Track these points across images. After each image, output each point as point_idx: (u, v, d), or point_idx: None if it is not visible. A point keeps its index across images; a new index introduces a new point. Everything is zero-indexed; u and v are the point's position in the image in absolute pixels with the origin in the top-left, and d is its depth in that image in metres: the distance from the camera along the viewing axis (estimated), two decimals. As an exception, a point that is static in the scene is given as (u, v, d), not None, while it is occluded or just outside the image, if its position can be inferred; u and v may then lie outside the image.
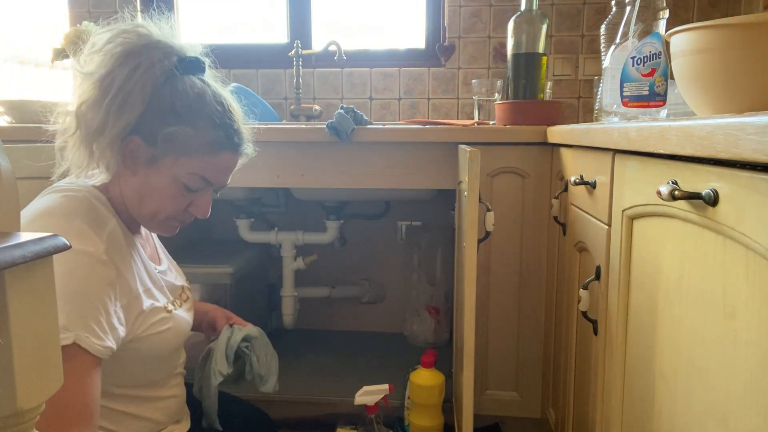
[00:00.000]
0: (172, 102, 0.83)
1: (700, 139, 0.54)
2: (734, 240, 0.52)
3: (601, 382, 0.93)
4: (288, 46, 1.95)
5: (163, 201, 0.86)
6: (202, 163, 0.86)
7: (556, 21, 1.88)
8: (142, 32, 0.85)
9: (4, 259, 0.39)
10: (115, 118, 0.81)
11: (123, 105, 0.81)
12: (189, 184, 0.86)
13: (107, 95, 0.81)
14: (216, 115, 0.85)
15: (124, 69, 0.82)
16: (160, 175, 0.85)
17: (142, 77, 0.81)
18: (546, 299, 1.42)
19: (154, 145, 0.83)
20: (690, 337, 0.62)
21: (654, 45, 0.98)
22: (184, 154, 0.84)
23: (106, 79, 0.82)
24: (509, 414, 1.48)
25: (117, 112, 0.81)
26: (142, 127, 0.83)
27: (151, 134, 0.83)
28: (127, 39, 0.84)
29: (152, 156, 0.84)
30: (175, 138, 0.83)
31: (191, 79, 0.86)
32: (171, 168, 0.84)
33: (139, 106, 0.81)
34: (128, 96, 0.81)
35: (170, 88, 0.83)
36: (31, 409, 0.43)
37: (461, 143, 1.32)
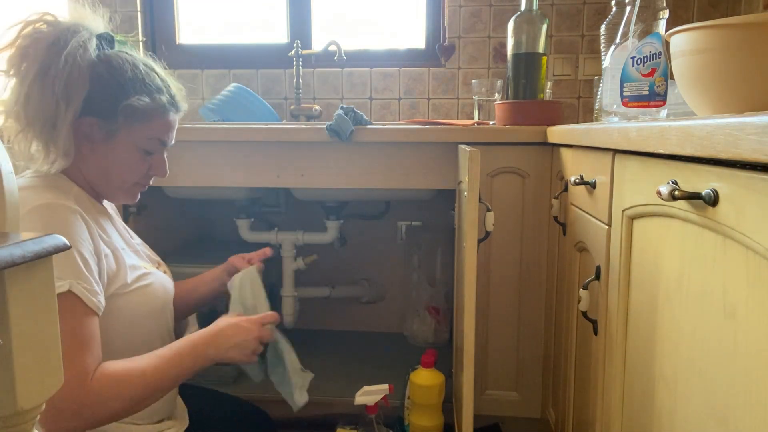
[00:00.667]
0: (114, 77, 0.87)
1: (700, 139, 0.54)
2: (734, 240, 0.52)
3: (601, 382, 0.93)
4: (288, 46, 1.95)
5: (127, 170, 0.92)
6: (156, 126, 0.92)
7: (556, 21, 1.88)
8: (51, 20, 0.87)
9: (4, 259, 0.39)
10: (65, 104, 0.84)
11: (68, 90, 0.84)
12: (148, 148, 0.93)
13: (47, 85, 0.83)
14: (156, 80, 0.92)
15: (55, 56, 0.83)
16: (120, 146, 0.90)
17: (77, 59, 0.84)
18: (546, 299, 1.42)
19: (112, 120, 0.87)
20: (690, 337, 0.62)
21: (654, 45, 0.98)
22: (140, 121, 0.90)
23: (40, 71, 0.83)
24: (509, 414, 1.48)
25: (64, 98, 0.83)
26: (91, 107, 0.86)
27: (106, 110, 0.87)
28: (39, 29, 0.85)
29: (109, 132, 0.88)
30: (132, 108, 0.88)
31: (118, 53, 0.90)
32: (128, 138, 0.90)
33: (83, 88, 0.85)
34: (69, 80, 0.83)
35: (106, 65, 0.87)
36: (32, 408, 0.43)
37: (461, 143, 1.32)
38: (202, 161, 1.47)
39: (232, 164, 1.47)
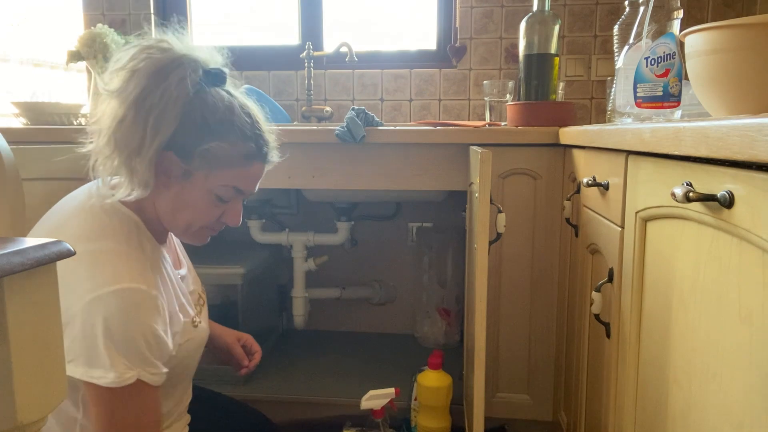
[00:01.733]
0: (204, 116, 0.83)
1: (715, 140, 0.53)
2: (750, 242, 0.52)
3: (614, 386, 0.93)
4: (299, 48, 1.96)
5: (197, 213, 0.88)
6: (235, 174, 0.87)
7: (569, 21, 1.87)
8: (165, 47, 0.84)
9: (2, 267, 0.37)
10: (152, 136, 0.81)
11: (159, 122, 0.81)
12: (222, 196, 0.88)
13: (141, 113, 0.81)
14: (246, 127, 0.87)
15: (155, 86, 0.81)
16: (194, 188, 0.86)
17: (174, 93, 0.81)
18: (558, 301, 1.41)
19: (188, 161, 0.84)
20: (704, 341, 0.62)
21: (668, 45, 0.97)
22: (217, 167, 0.85)
23: (139, 98, 0.81)
24: (520, 417, 1.47)
25: (153, 129, 0.81)
26: (175, 143, 0.83)
27: (185, 150, 0.84)
28: (151, 55, 0.83)
29: (186, 171, 0.85)
30: (210, 153, 0.84)
31: (218, 91, 0.87)
32: (205, 181, 0.85)
33: (173, 122, 0.82)
34: (163, 113, 0.81)
35: (200, 101, 0.84)
36: (32, 423, 0.41)
37: (472, 144, 1.32)
38: (214, 162, 1.48)
39: (243, 165, 1.47)
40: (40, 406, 0.42)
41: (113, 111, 0.83)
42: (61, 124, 1.59)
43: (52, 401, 0.44)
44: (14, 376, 0.40)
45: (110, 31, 1.77)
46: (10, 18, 1.87)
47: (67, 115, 1.60)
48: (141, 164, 0.82)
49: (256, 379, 1.68)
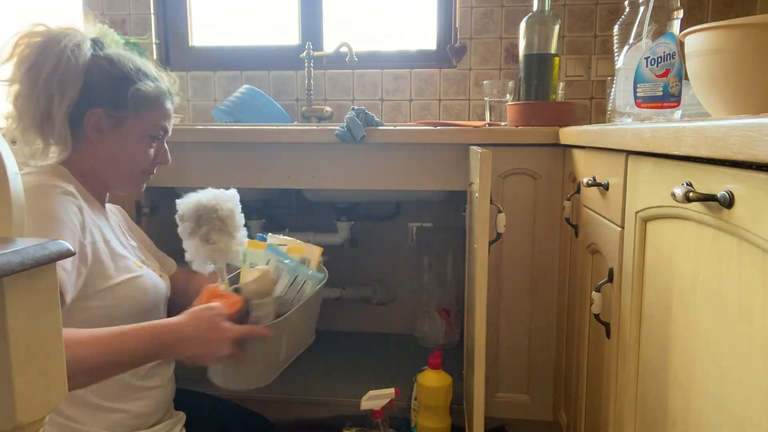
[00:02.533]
0: (118, 69, 0.95)
1: (715, 140, 0.53)
2: (750, 242, 0.52)
3: (614, 386, 0.93)
4: (299, 48, 1.96)
5: (135, 158, 0.98)
6: (158, 114, 0.99)
7: (569, 21, 1.87)
8: (42, 30, 0.93)
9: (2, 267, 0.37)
10: (59, 98, 0.89)
11: (62, 84, 0.89)
12: (154, 134, 0.99)
13: (38, 82, 0.89)
14: (152, 71, 1.00)
15: (46, 57, 0.89)
16: (129, 135, 0.96)
17: (70, 58, 0.90)
18: (558, 301, 1.41)
19: (119, 109, 0.94)
20: (704, 341, 0.62)
21: (668, 45, 0.97)
22: (143, 109, 0.96)
23: (32, 71, 0.89)
24: (520, 417, 1.47)
25: (59, 93, 0.89)
26: (98, 99, 0.93)
27: (115, 100, 0.94)
28: (32, 38, 0.91)
29: (116, 121, 0.95)
30: (139, 93, 0.95)
31: (116, 51, 0.98)
32: (136, 125, 0.96)
33: (78, 82, 0.91)
34: (64, 75, 0.90)
35: (107, 60, 0.95)
36: (32, 423, 0.41)
37: (472, 144, 1.32)
38: (214, 162, 1.48)
39: (243, 165, 1.47)
40: (40, 406, 0.42)
41: (12, 92, 0.91)
42: None
43: (52, 401, 0.43)
44: (14, 376, 0.40)
45: (110, 31, 1.77)
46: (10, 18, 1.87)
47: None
48: (54, 124, 0.90)
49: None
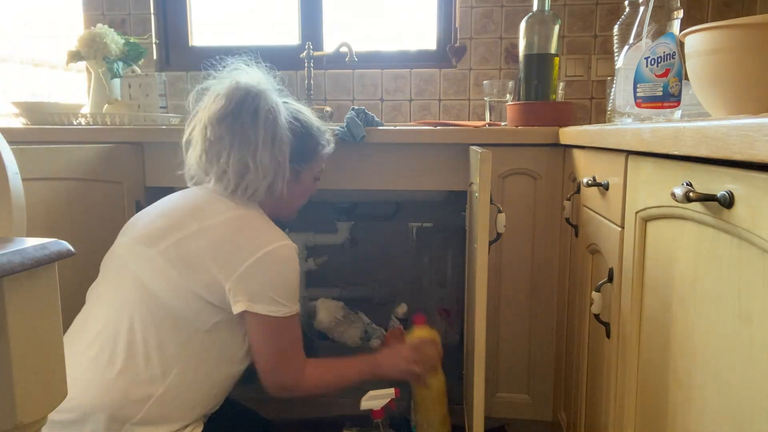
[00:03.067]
0: (306, 130, 1.16)
1: (715, 140, 0.53)
2: (750, 242, 0.52)
3: (614, 386, 0.93)
4: (299, 48, 1.96)
5: (306, 195, 1.23)
6: (321, 160, 1.22)
7: (569, 21, 1.87)
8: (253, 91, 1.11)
9: (2, 266, 0.37)
10: (283, 162, 1.10)
11: (281, 142, 1.09)
12: (318, 177, 1.23)
13: (276, 142, 1.08)
14: (321, 126, 1.20)
15: (269, 117, 1.08)
16: (305, 180, 1.19)
17: (282, 123, 1.10)
18: (558, 301, 1.41)
19: (303, 165, 1.16)
20: (704, 341, 0.62)
21: (668, 45, 0.97)
22: (314, 159, 1.19)
23: (268, 133, 1.08)
24: (520, 417, 1.47)
25: (282, 157, 1.09)
26: (293, 158, 1.12)
27: (303, 159, 1.16)
28: (248, 98, 1.09)
29: (297, 172, 1.15)
30: (319, 154, 1.19)
31: (294, 106, 1.18)
32: (310, 173, 1.20)
33: (289, 143, 1.11)
34: (282, 134, 1.10)
35: (296, 121, 1.14)
36: (32, 422, 0.41)
37: (472, 144, 1.32)
38: (214, 162, 1.48)
39: (243, 165, 1.47)
40: (40, 405, 0.42)
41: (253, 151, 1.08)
42: (61, 124, 1.59)
43: (52, 401, 0.43)
44: (14, 376, 0.40)
45: (110, 31, 1.77)
46: (10, 18, 1.87)
47: (67, 115, 1.60)
48: (278, 187, 1.10)
49: (255, 378, 1.67)
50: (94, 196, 1.34)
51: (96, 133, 1.46)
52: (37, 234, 0.80)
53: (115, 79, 1.79)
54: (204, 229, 1.03)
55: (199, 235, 1.02)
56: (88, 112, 1.69)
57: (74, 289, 1.12)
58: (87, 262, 1.15)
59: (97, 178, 1.35)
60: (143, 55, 1.87)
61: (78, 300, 1.13)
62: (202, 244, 1.01)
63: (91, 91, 1.80)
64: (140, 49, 1.85)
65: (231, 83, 1.11)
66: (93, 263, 1.14)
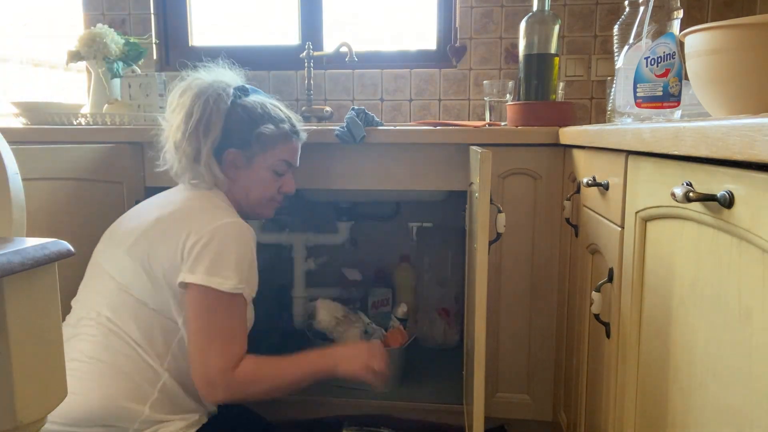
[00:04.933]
0: (247, 113, 1.15)
1: (715, 140, 0.53)
2: (750, 242, 0.52)
3: (614, 386, 0.93)
4: (299, 48, 1.96)
5: (263, 189, 1.19)
6: (283, 150, 1.20)
7: (569, 21, 1.87)
8: (199, 82, 1.15)
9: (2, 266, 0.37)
10: (204, 140, 1.11)
11: (207, 129, 1.12)
12: (278, 170, 1.20)
13: (190, 128, 1.11)
14: (279, 113, 1.20)
15: (196, 107, 1.11)
16: (258, 170, 1.17)
17: (214, 105, 1.12)
18: (558, 301, 1.41)
19: (248, 148, 1.15)
20: (704, 341, 0.62)
21: (668, 45, 0.97)
22: (270, 147, 1.17)
23: (185, 118, 1.12)
24: (520, 417, 1.47)
25: (204, 136, 1.11)
26: (232, 140, 1.14)
27: (243, 140, 1.15)
28: (189, 88, 1.14)
29: (248, 158, 1.16)
30: (263, 136, 1.15)
31: (250, 98, 1.18)
32: (264, 161, 1.17)
33: (219, 125, 1.12)
34: (208, 122, 1.12)
35: (240, 107, 1.16)
36: (32, 422, 0.41)
37: (472, 144, 1.32)
38: (214, 162, 1.48)
39: (243, 165, 1.47)
40: (40, 406, 0.42)
41: (172, 135, 1.14)
42: (61, 124, 1.59)
43: (52, 401, 0.43)
44: (14, 376, 0.40)
45: (110, 31, 1.77)
46: (10, 18, 1.87)
47: (67, 115, 1.60)
48: (205, 165, 1.12)
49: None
50: (94, 196, 1.34)
51: (96, 133, 1.46)
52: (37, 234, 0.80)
53: (115, 79, 1.79)
54: (160, 217, 1.08)
55: (155, 224, 1.07)
56: (88, 112, 1.69)
57: (74, 289, 1.12)
58: (87, 262, 1.15)
59: (97, 178, 1.35)
60: (143, 55, 1.87)
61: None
62: (157, 232, 1.06)
63: (91, 91, 1.80)
64: (140, 49, 1.85)
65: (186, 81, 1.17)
66: (93, 263, 1.14)
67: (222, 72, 1.19)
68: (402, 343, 1.62)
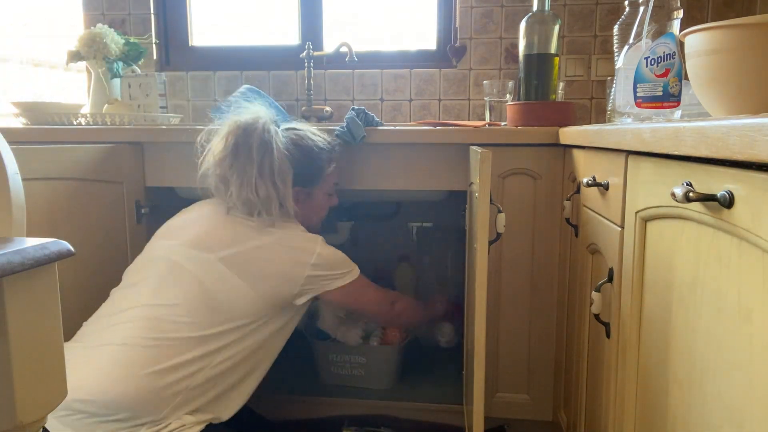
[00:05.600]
0: (303, 154, 1.25)
1: (715, 140, 0.53)
2: (750, 242, 0.52)
3: (614, 386, 0.93)
4: (299, 48, 1.96)
5: (322, 210, 1.36)
6: (332, 175, 1.34)
7: (569, 21, 1.87)
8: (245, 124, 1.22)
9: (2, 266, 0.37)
10: (283, 187, 1.22)
11: (282, 175, 1.21)
12: (330, 192, 1.36)
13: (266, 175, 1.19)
14: (324, 144, 1.30)
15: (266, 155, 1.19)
16: (317, 198, 1.33)
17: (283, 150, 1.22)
18: (558, 301, 1.41)
19: (310, 185, 1.29)
20: (704, 341, 0.62)
21: (668, 45, 0.97)
22: (325, 176, 1.31)
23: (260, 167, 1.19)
24: (520, 417, 1.47)
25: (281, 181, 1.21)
26: (298, 181, 1.25)
27: (305, 179, 1.27)
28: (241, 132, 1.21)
29: (308, 193, 1.30)
30: (320, 170, 1.30)
31: (290, 131, 1.28)
32: (320, 190, 1.33)
33: (290, 171, 1.23)
34: (281, 168, 1.21)
35: (293, 146, 1.25)
36: (32, 422, 0.41)
37: (472, 144, 1.32)
38: (214, 162, 1.48)
39: (243, 165, 1.47)
40: (40, 405, 0.42)
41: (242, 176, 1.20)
42: (61, 124, 1.59)
43: (52, 401, 0.43)
44: (14, 376, 0.40)
45: (110, 31, 1.77)
46: (10, 18, 1.87)
47: (67, 115, 1.60)
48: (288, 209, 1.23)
49: (256, 379, 1.67)
50: (94, 196, 1.34)
51: (96, 133, 1.46)
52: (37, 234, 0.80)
53: (115, 79, 1.79)
54: (261, 246, 1.18)
55: (257, 250, 1.18)
56: (88, 112, 1.69)
57: (74, 289, 1.12)
58: (87, 262, 1.15)
59: (97, 178, 1.35)
60: (143, 55, 1.87)
61: (78, 300, 1.13)
62: (261, 258, 1.18)
63: (91, 91, 1.80)
64: (140, 49, 1.85)
65: (230, 124, 1.22)
66: (93, 263, 1.14)
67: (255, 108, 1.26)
68: (400, 340, 1.62)
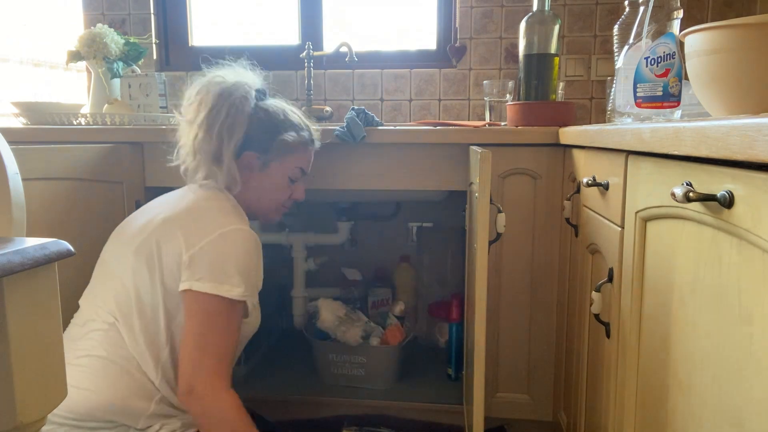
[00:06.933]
0: (270, 119, 1.15)
1: (715, 140, 0.53)
2: (750, 242, 0.52)
3: (614, 386, 0.93)
4: (299, 48, 1.96)
5: (276, 194, 1.20)
6: (299, 158, 1.20)
7: (569, 21, 1.87)
8: (219, 80, 1.13)
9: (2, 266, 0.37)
10: (227, 142, 1.10)
11: (230, 131, 1.11)
12: (293, 177, 1.20)
13: (213, 128, 1.10)
14: (299, 121, 1.20)
15: (224, 104, 1.10)
16: (272, 175, 1.17)
17: (239, 107, 1.11)
18: (558, 301, 1.41)
19: (266, 153, 1.15)
20: (705, 341, 0.62)
21: (668, 45, 0.97)
22: (287, 155, 1.17)
23: (208, 117, 1.10)
24: (520, 417, 1.47)
25: (227, 137, 1.10)
26: (251, 143, 1.13)
27: (262, 145, 1.14)
28: (211, 84, 1.13)
29: (264, 163, 1.15)
30: (283, 143, 1.16)
31: (270, 102, 1.19)
32: (280, 168, 1.17)
33: (242, 128, 1.11)
34: (232, 123, 1.10)
35: (263, 111, 1.15)
36: (32, 422, 0.41)
37: (472, 144, 1.32)
38: (214, 162, 1.48)
39: (243, 165, 1.47)
40: (40, 406, 0.42)
41: (192, 132, 1.11)
42: (61, 124, 1.59)
43: (52, 401, 0.43)
44: (14, 376, 0.40)
45: (110, 31, 1.77)
46: (10, 18, 1.87)
47: (67, 115, 1.60)
48: (224, 165, 1.10)
49: (255, 378, 1.68)
50: (94, 196, 1.34)
51: (96, 133, 1.46)
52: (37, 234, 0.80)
53: (115, 79, 1.79)
54: (168, 218, 1.07)
55: (162, 224, 1.06)
56: (88, 112, 1.69)
57: (74, 289, 1.12)
58: (87, 262, 1.15)
59: (97, 178, 1.35)
60: (143, 55, 1.87)
61: (78, 300, 1.13)
62: (163, 232, 1.05)
63: (91, 91, 1.80)
64: (140, 49, 1.85)
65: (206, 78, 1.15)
66: (93, 263, 1.14)
67: (244, 72, 1.17)
68: (400, 340, 1.62)
